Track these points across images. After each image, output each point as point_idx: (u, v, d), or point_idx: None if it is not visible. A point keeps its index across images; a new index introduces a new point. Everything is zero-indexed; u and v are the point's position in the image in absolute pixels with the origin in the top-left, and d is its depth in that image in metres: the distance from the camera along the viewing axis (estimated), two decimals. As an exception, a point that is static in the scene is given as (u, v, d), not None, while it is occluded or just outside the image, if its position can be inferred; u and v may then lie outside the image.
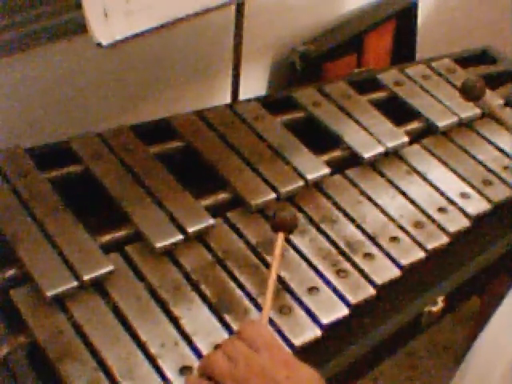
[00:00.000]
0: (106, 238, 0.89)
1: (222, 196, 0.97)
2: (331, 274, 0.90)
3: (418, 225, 0.98)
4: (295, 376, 0.67)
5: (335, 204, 0.99)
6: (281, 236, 0.86)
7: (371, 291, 0.89)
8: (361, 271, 0.91)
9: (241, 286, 0.87)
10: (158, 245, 0.87)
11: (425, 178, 1.06)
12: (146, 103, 1.34)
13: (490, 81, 1.21)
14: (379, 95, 1.19)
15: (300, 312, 0.85)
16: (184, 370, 0.77)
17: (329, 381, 0.75)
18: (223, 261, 0.89)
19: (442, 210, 1.01)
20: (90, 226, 0.88)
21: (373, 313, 0.90)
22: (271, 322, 0.83)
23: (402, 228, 0.98)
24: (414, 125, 1.14)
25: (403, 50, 1.79)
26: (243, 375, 0.67)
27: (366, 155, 1.06)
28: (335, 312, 0.86)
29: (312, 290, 0.87)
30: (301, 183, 0.99)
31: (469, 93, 0.99)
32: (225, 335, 0.81)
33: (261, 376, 0.67)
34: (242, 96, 1.36)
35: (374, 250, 0.94)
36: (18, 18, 1.02)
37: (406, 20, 1.76)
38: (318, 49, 1.54)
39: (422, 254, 0.95)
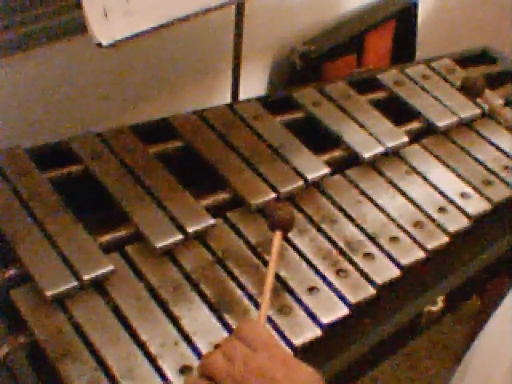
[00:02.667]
0: (106, 237, 0.89)
1: (222, 196, 0.97)
2: (331, 273, 0.90)
3: (417, 225, 0.98)
4: (294, 375, 0.67)
5: (335, 204, 1.00)
6: (278, 235, 0.86)
7: (371, 291, 0.89)
8: (361, 271, 0.91)
9: (241, 286, 0.87)
10: (158, 245, 0.87)
11: (425, 178, 1.06)
12: (146, 103, 1.34)
13: (489, 81, 1.21)
14: (379, 95, 1.19)
15: (300, 312, 0.85)
16: (184, 369, 0.77)
17: (329, 381, 0.75)
18: (223, 261, 0.89)
19: (441, 209, 1.01)
20: (90, 226, 0.88)
21: (373, 313, 0.90)
22: (271, 321, 0.83)
23: (401, 228, 0.98)
24: (414, 125, 1.14)
25: (403, 50, 1.80)
26: (242, 375, 0.67)
27: (366, 155, 1.06)
28: (335, 312, 0.86)
29: (312, 289, 0.87)
30: (301, 183, 0.99)
31: (469, 90, 0.99)
32: (225, 335, 0.81)
33: (259, 375, 0.67)
34: (241, 96, 1.36)
35: (373, 249, 0.94)
36: (18, 17, 1.02)
37: (406, 20, 1.76)
38: (318, 49, 1.55)
39: (421, 254, 0.95)
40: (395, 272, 0.92)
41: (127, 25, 0.88)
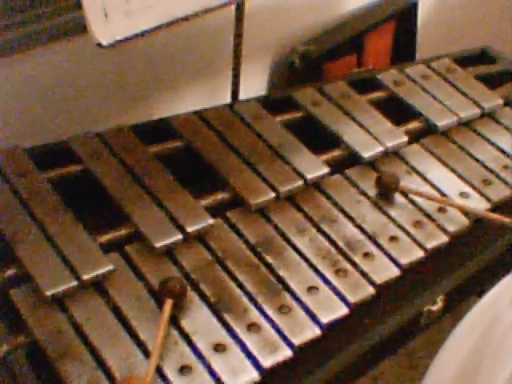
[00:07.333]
0: (106, 237, 0.89)
1: (222, 196, 0.97)
2: (331, 273, 0.90)
3: (417, 224, 0.98)
4: None
5: (335, 204, 1.00)
6: (168, 303, 0.81)
7: (371, 291, 0.89)
8: (360, 271, 0.91)
9: (240, 286, 0.87)
10: (158, 244, 0.88)
11: (424, 178, 1.06)
12: (146, 103, 1.34)
13: (489, 81, 1.22)
14: (379, 95, 1.19)
15: (299, 311, 0.85)
16: (184, 369, 0.77)
17: (329, 381, 0.75)
18: (223, 260, 0.89)
19: (441, 209, 1.01)
20: (89, 226, 0.88)
21: (372, 312, 0.90)
22: (271, 321, 0.83)
23: (401, 227, 0.98)
24: (414, 124, 1.14)
25: (403, 50, 1.79)
26: None
27: (366, 155, 1.06)
28: (335, 311, 0.86)
29: (311, 289, 0.88)
30: (300, 183, 1.00)
31: (384, 187, 1.00)
32: (224, 334, 0.81)
33: None
34: (242, 96, 1.36)
35: (373, 249, 0.94)
36: (17, 18, 1.02)
37: (406, 20, 1.76)
38: (318, 49, 1.54)
39: (421, 254, 0.95)
40: (395, 271, 0.92)
41: (127, 25, 0.88)
